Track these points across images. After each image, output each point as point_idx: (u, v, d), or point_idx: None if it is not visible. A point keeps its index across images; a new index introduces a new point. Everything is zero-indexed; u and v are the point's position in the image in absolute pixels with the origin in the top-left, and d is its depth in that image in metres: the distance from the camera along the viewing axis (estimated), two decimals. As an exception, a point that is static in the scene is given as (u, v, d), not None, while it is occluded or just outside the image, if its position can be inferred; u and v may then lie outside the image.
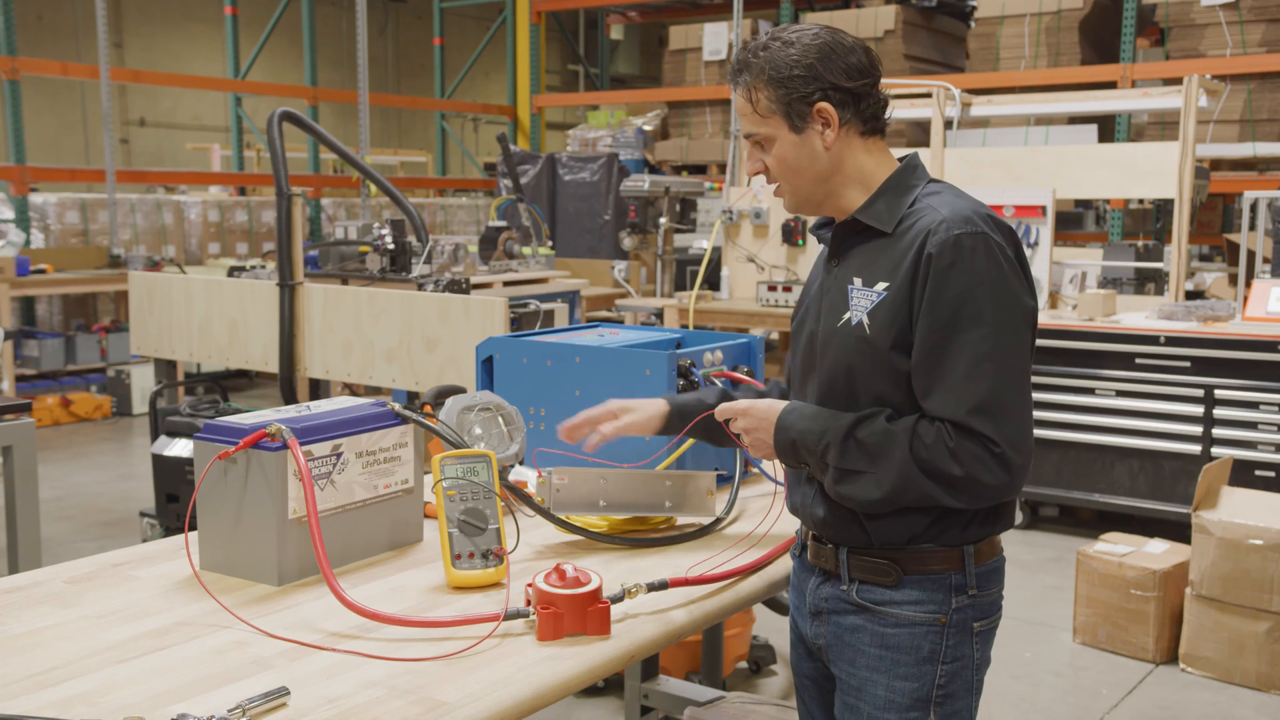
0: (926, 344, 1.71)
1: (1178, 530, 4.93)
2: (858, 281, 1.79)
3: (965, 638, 1.82)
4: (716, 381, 2.34)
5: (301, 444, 1.81)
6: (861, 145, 1.83)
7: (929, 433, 1.70)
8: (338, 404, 2.03)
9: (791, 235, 6.91)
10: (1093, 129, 7.88)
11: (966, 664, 1.83)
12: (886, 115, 1.86)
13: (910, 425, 1.72)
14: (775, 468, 2.45)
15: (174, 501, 4.25)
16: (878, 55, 1.85)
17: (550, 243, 7.68)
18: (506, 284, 6.14)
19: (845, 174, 1.83)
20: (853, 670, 1.85)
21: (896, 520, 1.77)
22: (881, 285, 1.76)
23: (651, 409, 2.09)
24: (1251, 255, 6.40)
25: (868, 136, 1.84)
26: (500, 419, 2.23)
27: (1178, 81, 6.35)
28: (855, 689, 1.85)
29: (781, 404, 1.87)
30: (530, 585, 1.70)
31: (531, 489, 2.11)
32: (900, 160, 1.88)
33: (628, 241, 7.31)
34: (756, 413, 1.89)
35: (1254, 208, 6.38)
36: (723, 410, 1.96)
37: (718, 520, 2.20)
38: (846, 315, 1.79)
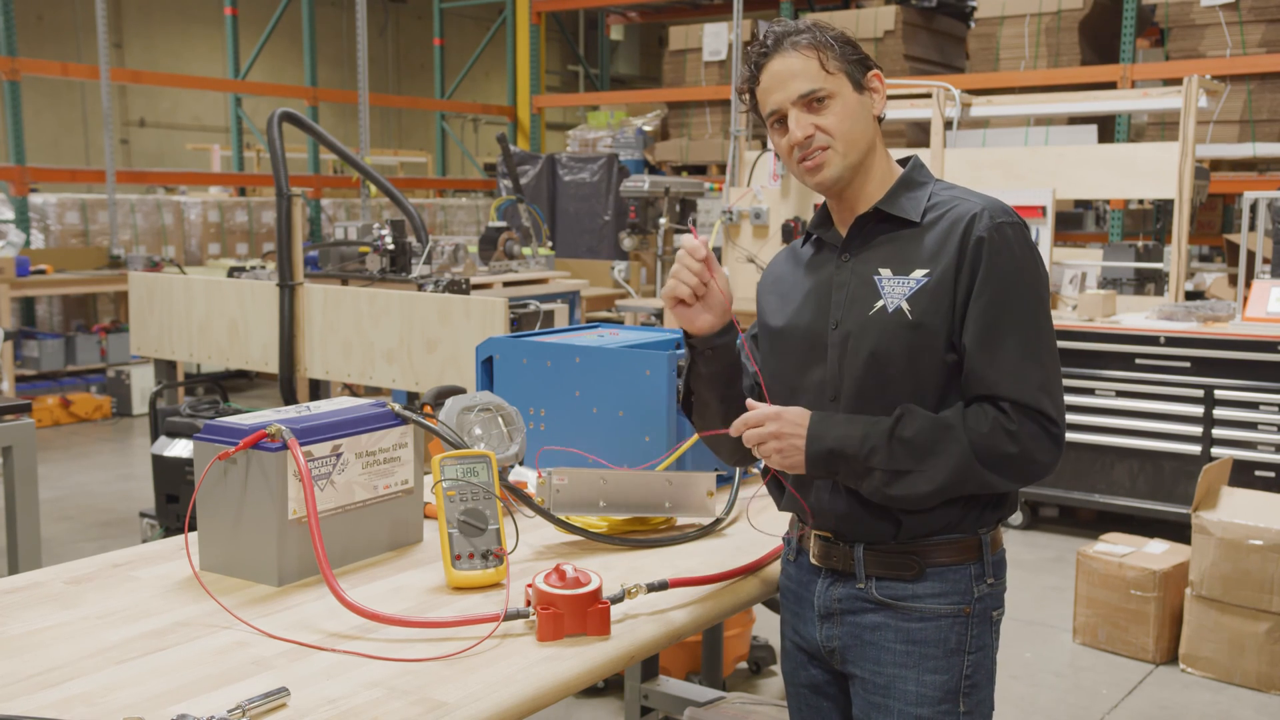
0: (985, 326, 1.74)
1: (1178, 531, 4.93)
2: (885, 272, 1.80)
3: (986, 627, 1.84)
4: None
5: (301, 444, 1.81)
6: (880, 132, 1.88)
7: (982, 420, 1.72)
8: (338, 404, 2.03)
9: (791, 235, 6.91)
10: (1093, 129, 7.88)
11: (988, 653, 1.85)
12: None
13: (961, 417, 1.73)
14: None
15: (174, 502, 4.24)
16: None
17: (550, 243, 7.68)
18: (506, 284, 6.14)
19: (876, 154, 1.86)
20: (878, 669, 1.84)
21: (931, 512, 1.78)
22: (920, 272, 1.77)
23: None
24: (1251, 256, 6.40)
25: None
26: (500, 419, 2.23)
27: (1177, 82, 6.35)
28: (882, 687, 1.83)
29: (806, 412, 1.79)
30: (530, 586, 1.70)
31: (531, 489, 2.11)
32: (902, 161, 1.91)
33: (628, 242, 7.32)
34: (790, 417, 1.78)
35: (1254, 208, 6.38)
36: (746, 420, 1.81)
37: (717, 521, 2.20)
38: (880, 303, 1.78)
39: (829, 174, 1.82)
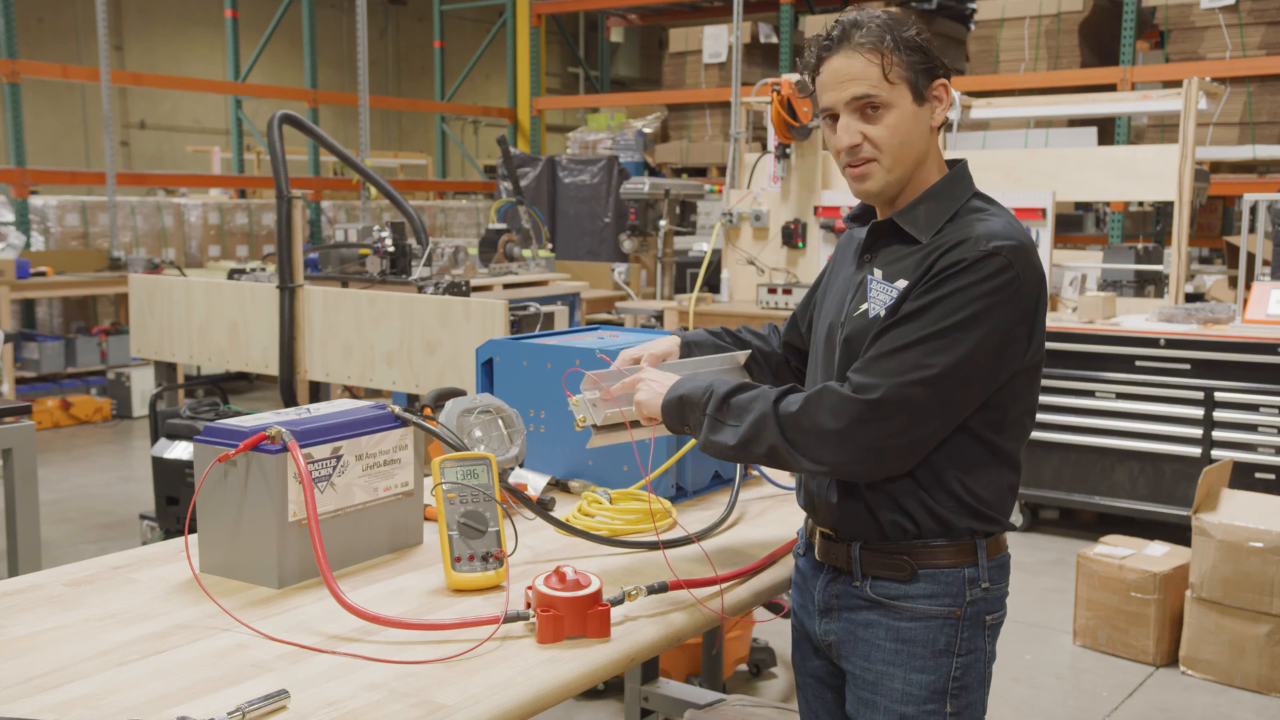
0: (889, 326, 1.71)
1: (1178, 533, 4.92)
2: (878, 274, 1.80)
3: (979, 630, 1.84)
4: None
5: (301, 446, 1.81)
6: (937, 139, 1.84)
7: (798, 399, 1.74)
8: (338, 406, 2.03)
9: (791, 238, 6.91)
10: (1093, 131, 7.88)
11: (980, 656, 1.86)
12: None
13: (785, 388, 1.77)
14: (777, 471, 2.45)
15: (174, 504, 4.24)
16: None
17: (550, 245, 7.68)
18: (506, 286, 6.14)
19: (926, 166, 1.81)
20: (868, 665, 1.86)
21: (901, 512, 1.78)
22: (902, 282, 1.76)
23: (666, 343, 2.09)
24: (1251, 258, 6.41)
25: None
26: (500, 421, 2.23)
27: (1177, 84, 6.35)
28: (871, 683, 1.86)
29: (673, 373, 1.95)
30: (530, 588, 1.70)
31: (531, 491, 2.11)
32: (950, 166, 1.86)
33: (628, 244, 7.31)
34: (653, 374, 1.94)
35: (1254, 210, 6.38)
36: (624, 356, 2.03)
37: (718, 523, 2.20)
38: (864, 307, 1.81)
39: (872, 186, 1.81)
